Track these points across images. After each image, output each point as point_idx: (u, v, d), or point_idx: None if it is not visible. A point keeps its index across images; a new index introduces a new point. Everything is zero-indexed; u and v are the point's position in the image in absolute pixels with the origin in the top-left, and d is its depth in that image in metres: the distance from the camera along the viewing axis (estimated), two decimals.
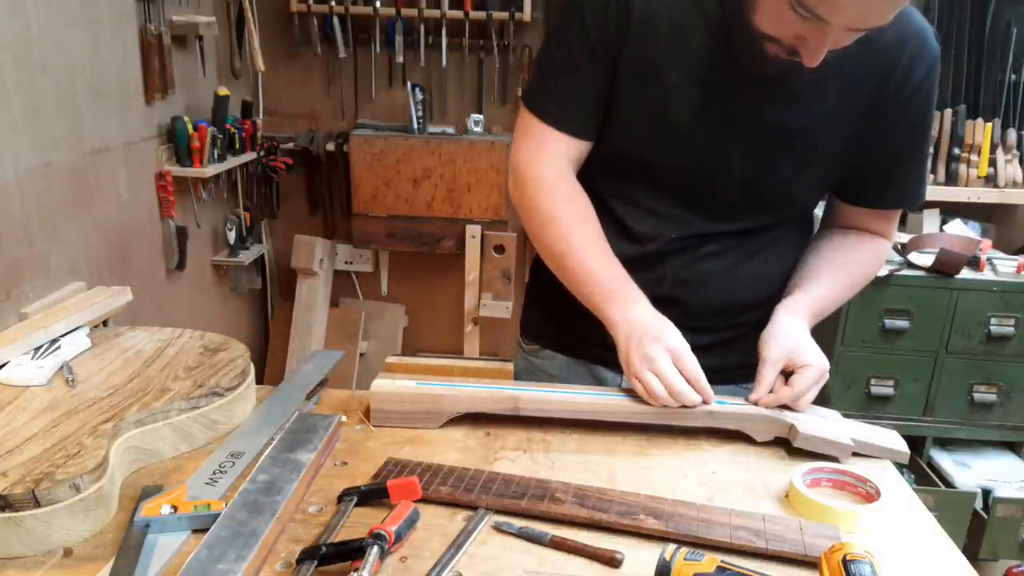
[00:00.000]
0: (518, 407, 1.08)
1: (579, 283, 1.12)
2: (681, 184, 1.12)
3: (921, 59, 1.06)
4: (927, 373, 2.52)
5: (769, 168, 1.10)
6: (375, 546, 0.77)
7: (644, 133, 1.11)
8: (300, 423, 1.03)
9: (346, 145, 3.03)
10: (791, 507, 0.93)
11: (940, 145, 2.72)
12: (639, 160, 1.13)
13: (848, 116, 1.07)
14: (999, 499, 2.46)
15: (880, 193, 1.17)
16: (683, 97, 1.07)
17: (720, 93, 1.06)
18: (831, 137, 1.08)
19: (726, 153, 1.09)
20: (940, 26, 2.71)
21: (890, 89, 1.06)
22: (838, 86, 1.05)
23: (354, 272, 3.35)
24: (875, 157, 1.11)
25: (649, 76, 1.07)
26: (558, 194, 1.13)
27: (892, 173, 1.14)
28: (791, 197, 1.15)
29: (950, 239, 2.56)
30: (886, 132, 1.09)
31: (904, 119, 1.09)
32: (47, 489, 0.81)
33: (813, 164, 1.10)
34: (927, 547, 0.88)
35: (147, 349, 1.20)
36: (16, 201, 1.67)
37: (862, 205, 1.18)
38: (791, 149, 1.09)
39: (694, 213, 1.14)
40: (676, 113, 1.07)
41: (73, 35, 1.89)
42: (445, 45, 2.94)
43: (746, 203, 1.13)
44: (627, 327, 1.07)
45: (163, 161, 2.41)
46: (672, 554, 0.75)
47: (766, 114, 1.07)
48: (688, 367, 1.05)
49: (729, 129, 1.08)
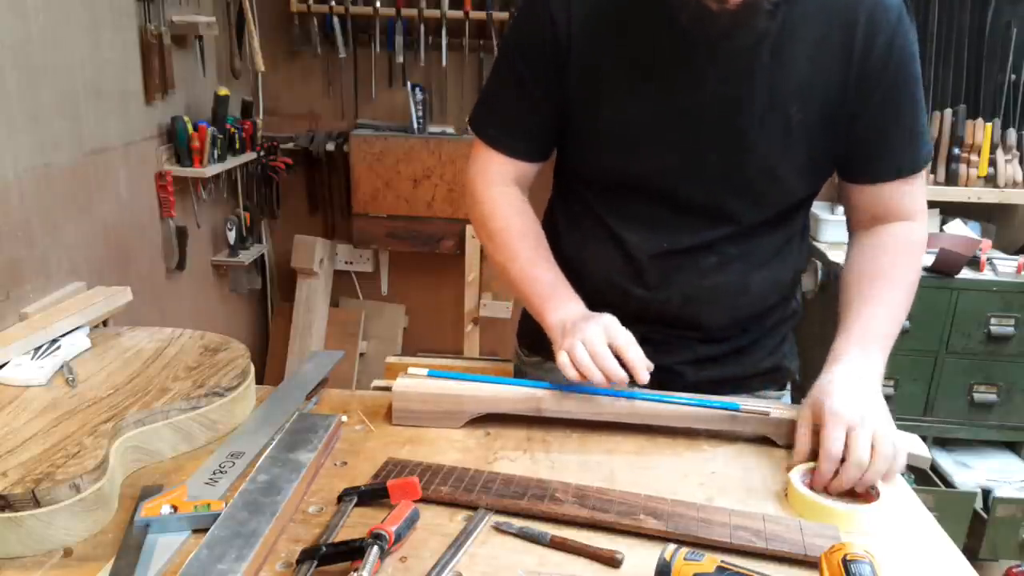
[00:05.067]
0: (540, 408, 1.07)
1: (521, 290, 1.14)
2: (667, 188, 1.10)
3: (881, 18, 1.02)
4: (927, 373, 2.52)
5: (746, 149, 1.06)
6: (375, 546, 0.77)
7: (616, 148, 1.10)
8: (300, 423, 1.03)
9: (346, 145, 3.03)
10: (790, 507, 0.93)
11: (940, 145, 2.71)
12: (621, 173, 1.12)
13: (820, 84, 1.04)
14: (999, 499, 2.46)
15: (879, 162, 1.10)
16: (642, 102, 1.06)
17: (677, 83, 1.04)
18: (805, 107, 1.04)
19: (700, 144, 1.06)
20: (940, 26, 2.71)
21: (856, 54, 1.02)
22: (803, 54, 1.02)
23: (354, 272, 3.35)
24: (864, 125, 1.06)
25: (603, 91, 1.07)
26: (500, 210, 1.17)
27: (886, 139, 1.08)
28: (778, 179, 1.09)
29: (950, 239, 2.56)
30: (868, 98, 1.05)
31: (883, 82, 1.04)
32: (47, 489, 0.81)
33: (792, 138, 1.06)
34: (927, 547, 0.88)
35: (147, 349, 1.20)
36: (16, 201, 1.67)
37: (865, 181, 1.12)
38: (763, 124, 1.05)
39: (689, 219, 1.11)
40: (638, 121, 1.07)
41: (73, 35, 1.89)
42: (445, 45, 2.94)
43: (735, 195, 1.09)
44: (561, 323, 1.06)
45: (163, 161, 2.41)
46: (672, 554, 0.75)
47: (728, 91, 1.03)
48: (621, 341, 1.01)
49: (695, 119, 1.05)
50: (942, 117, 2.70)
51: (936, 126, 2.70)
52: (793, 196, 1.14)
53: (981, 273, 2.47)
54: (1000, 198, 2.71)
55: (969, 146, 2.69)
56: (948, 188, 2.71)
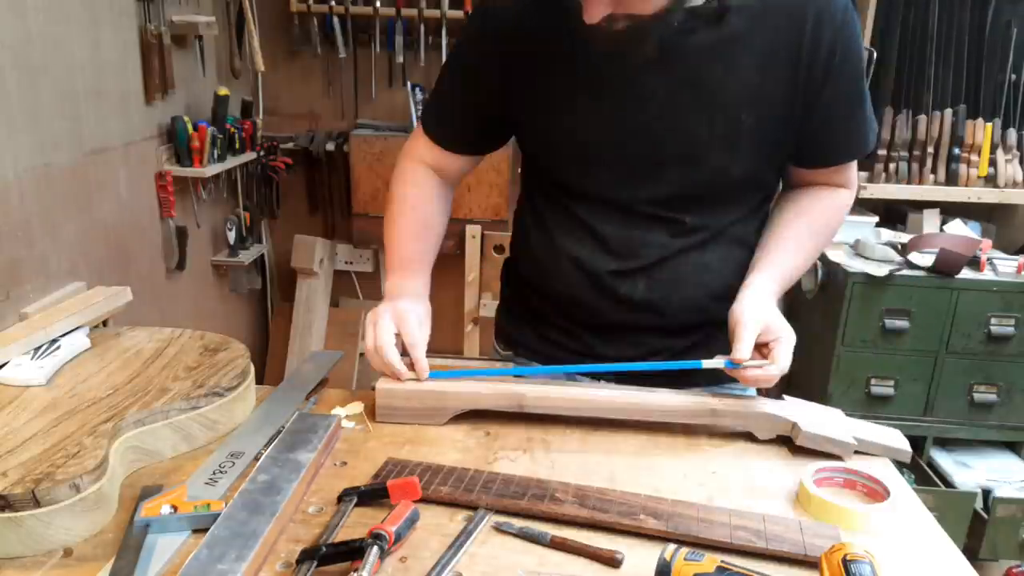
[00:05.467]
0: (522, 404, 1.08)
1: (387, 255, 1.24)
2: (623, 197, 1.13)
3: (829, 19, 1.03)
4: (927, 373, 2.52)
5: (697, 157, 1.08)
6: (375, 546, 0.77)
7: (570, 161, 1.15)
8: (300, 423, 1.03)
9: (346, 145, 3.03)
10: (801, 507, 0.93)
11: (940, 145, 2.71)
12: (578, 184, 1.15)
13: (769, 89, 1.05)
14: (999, 499, 2.46)
15: (828, 151, 1.15)
16: (591, 116, 1.09)
17: (626, 97, 1.06)
18: (756, 112, 1.06)
19: (652, 154, 1.09)
20: (940, 26, 2.71)
21: (805, 57, 1.04)
22: (751, 62, 1.04)
23: (354, 272, 3.35)
24: (815, 121, 1.09)
25: (552, 108, 1.11)
26: (406, 182, 1.25)
27: (836, 131, 1.13)
28: (733, 180, 1.12)
29: (950, 239, 2.56)
30: (817, 98, 1.07)
31: (830, 82, 1.06)
32: (47, 489, 0.81)
33: (744, 142, 1.08)
34: (927, 547, 0.88)
35: (147, 349, 1.20)
36: (16, 201, 1.67)
37: (813, 166, 1.17)
38: (714, 133, 1.07)
39: (647, 220, 1.13)
40: (588, 136, 1.10)
41: (73, 35, 1.89)
42: (445, 45, 2.94)
43: (692, 199, 1.12)
44: (388, 292, 1.20)
45: (163, 161, 2.41)
46: (672, 554, 0.75)
47: (677, 102, 1.06)
48: (406, 331, 1.11)
49: (645, 131, 1.08)
50: (942, 117, 2.69)
51: (936, 126, 2.70)
52: (753, 192, 1.18)
53: (981, 273, 2.47)
54: (1000, 198, 2.71)
55: (969, 146, 2.69)
56: (948, 188, 2.71)
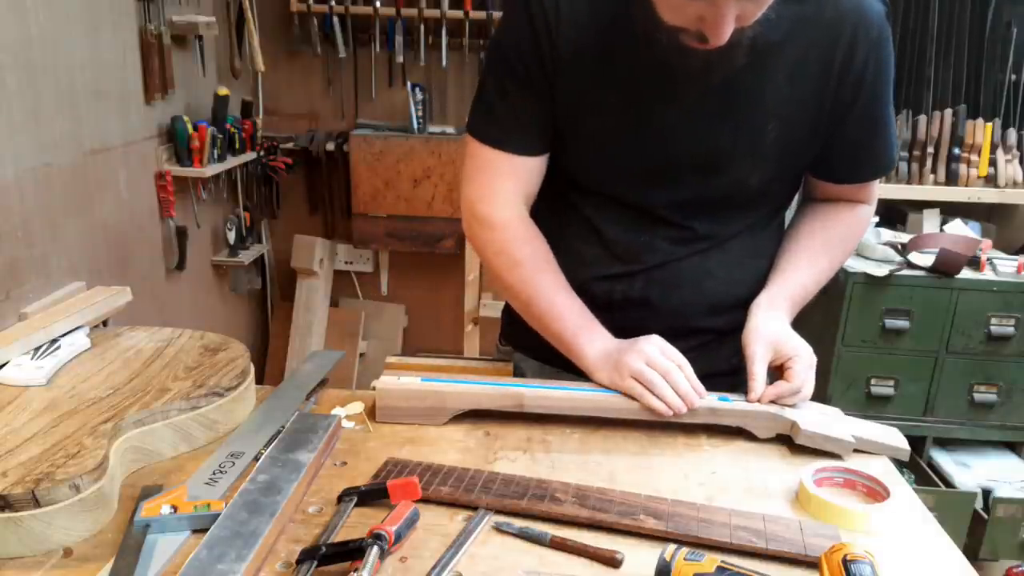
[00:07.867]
0: (522, 404, 1.08)
1: (546, 325, 1.14)
2: (642, 200, 1.13)
3: (864, 34, 1.04)
4: (927, 373, 2.52)
5: (720, 166, 1.08)
6: (375, 546, 0.77)
7: (594, 161, 1.13)
8: (300, 423, 1.03)
9: (346, 145, 3.03)
10: (801, 507, 0.93)
11: (940, 145, 2.71)
12: (598, 183, 1.15)
13: (797, 102, 1.06)
14: (999, 499, 2.46)
15: (854, 169, 1.16)
16: (619, 118, 1.08)
17: (655, 102, 1.06)
18: (782, 125, 1.06)
19: (675, 160, 1.09)
20: (940, 26, 2.71)
21: (836, 70, 1.04)
22: (781, 73, 1.04)
23: (354, 272, 3.35)
24: (842, 137, 1.10)
25: (583, 108, 1.09)
26: (518, 238, 1.14)
27: (862, 148, 1.13)
28: (753, 191, 1.12)
29: (950, 239, 2.55)
30: (848, 113, 1.07)
31: (861, 98, 1.07)
32: (47, 489, 0.81)
33: (768, 153, 1.09)
34: (927, 547, 0.88)
35: (147, 349, 1.20)
36: (16, 201, 1.67)
37: (837, 182, 1.18)
38: (738, 142, 1.07)
39: (662, 224, 1.14)
40: (614, 138, 1.09)
41: (73, 35, 1.89)
42: (445, 45, 2.94)
43: (710, 206, 1.12)
44: (601, 352, 1.10)
45: (163, 161, 2.41)
46: (672, 554, 0.75)
47: (705, 110, 1.05)
48: (680, 360, 1.07)
49: (670, 137, 1.07)
50: (942, 117, 2.69)
51: (936, 126, 2.69)
52: (767, 203, 1.18)
53: (981, 273, 2.46)
54: (1000, 198, 2.71)
55: (969, 146, 2.69)
56: (948, 188, 2.71)
